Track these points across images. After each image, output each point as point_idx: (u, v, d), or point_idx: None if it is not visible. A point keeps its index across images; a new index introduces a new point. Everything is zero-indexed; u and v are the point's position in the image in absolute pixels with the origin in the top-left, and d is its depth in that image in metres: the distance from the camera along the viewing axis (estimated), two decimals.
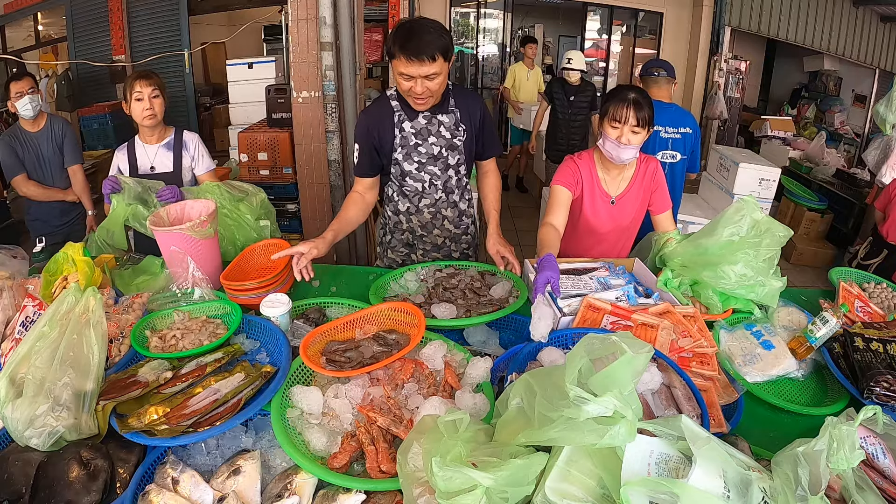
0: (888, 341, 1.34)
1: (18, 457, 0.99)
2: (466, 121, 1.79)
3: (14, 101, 2.61)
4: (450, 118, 1.78)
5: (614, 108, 1.66)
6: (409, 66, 1.54)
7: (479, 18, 7.92)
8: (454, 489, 0.77)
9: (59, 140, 2.76)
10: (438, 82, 1.61)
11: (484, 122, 1.83)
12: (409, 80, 1.59)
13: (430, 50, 1.52)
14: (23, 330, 1.27)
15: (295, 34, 2.95)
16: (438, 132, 1.78)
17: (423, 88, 1.60)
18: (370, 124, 1.78)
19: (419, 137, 1.78)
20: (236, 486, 0.96)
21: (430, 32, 1.53)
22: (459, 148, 1.81)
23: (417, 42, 1.51)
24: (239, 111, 4.56)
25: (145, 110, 2.04)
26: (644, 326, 1.37)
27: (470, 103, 1.80)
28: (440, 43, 1.53)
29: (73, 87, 5.90)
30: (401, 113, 1.77)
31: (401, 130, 1.77)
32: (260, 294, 1.50)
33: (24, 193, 2.71)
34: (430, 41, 1.52)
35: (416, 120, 1.76)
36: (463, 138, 1.80)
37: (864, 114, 5.80)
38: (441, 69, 1.58)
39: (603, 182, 1.83)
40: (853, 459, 0.82)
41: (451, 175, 1.85)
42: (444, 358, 1.23)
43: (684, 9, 6.68)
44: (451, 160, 1.82)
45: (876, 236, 3.00)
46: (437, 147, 1.79)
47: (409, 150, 1.79)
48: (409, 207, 1.91)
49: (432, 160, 1.81)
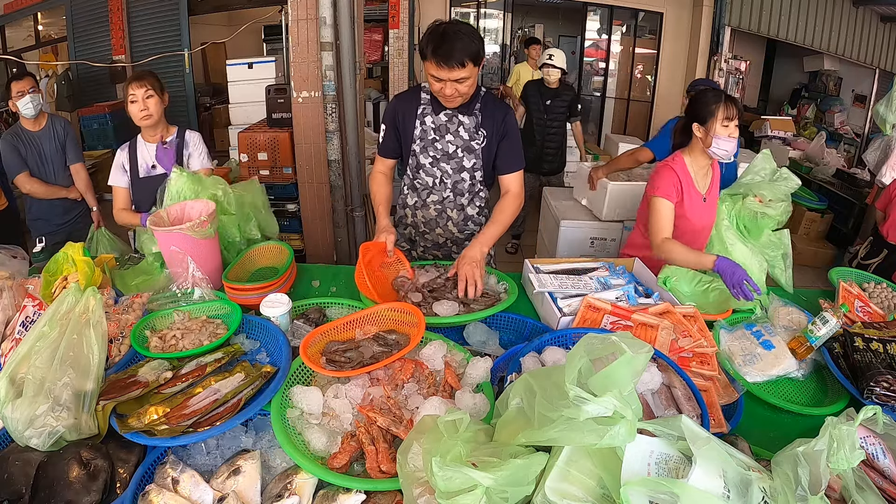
0: (888, 341, 1.34)
1: (18, 457, 0.99)
2: (488, 127, 1.79)
3: (16, 101, 2.63)
4: (471, 120, 1.79)
5: (722, 107, 1.74)
6: (440, 70, 1.59)
7: (479, 18, 7.92)
8: (454, 489, 0.77)
9: (61, 139, 2.79)
10: (468, 84, 1.64)
11: (507, 133, 1.79)
12: (439, 82, 1.63)
13: (460, 56, 1.55)
14: (23, 330, 1.27)
15: (295, 34, 2.95)
16: (457, 131, 1.80)
17: (452, 90, 1.64)
18: (398, 108, 1.84)
19: (437, 133, 1.81)
20: (236, 486, 0.96)
21: (461, 38, 1.55)
22: (477, 152, 1.82)
23: (449, 48, 1.54)
24: (239, 111, 4.56)
25: (141, 111, 2.05)
26: (644, 326, 1.38)
27: (496, 111, 1.79)
28: (471, 49, 1.56)
29: (73, 87, 5.89)
30: (426, 107, 1.81)
31: (422, 123, 1.82)
32: (260, 294, 1.50)
33: (28, 191, 2.73)
34: (461, 47, 1.55)
35: (438, 116, 1.80)
36: (481, 143, 1.81)
37: (864, 114, 5.79)
38: (471, 73, 1.61)
39: (695, 181, 1.89)
40: (853, 459, 0.82)
41: (464, 177, 1.86)
42: (444, 358, 1.23)
43: (684, 9, 6.68)
44: (466, 162, 1.84)
45: (876, 236, 2.99)
46: (452, 146, 1.82)
47: (427, 143, 1.83)
48: (417, 202, 1.93)
49: (446, 157, 1.83)
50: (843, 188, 4.85)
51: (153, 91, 2.06)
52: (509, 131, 1.80)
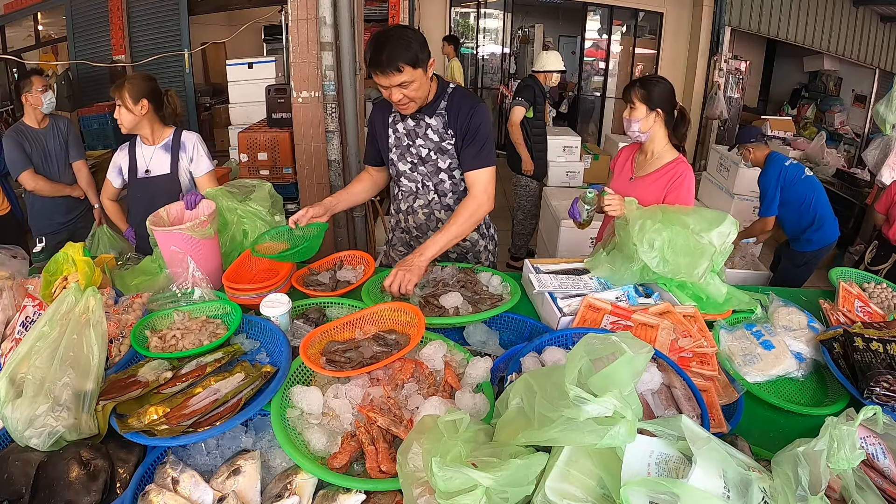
0: (888, 341, 1.34)
1: (18, 457, 0.99)
2: (454, 125, 1.73)
3: (39, 95, 2.68)
4: (438, 121, 1.75)
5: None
6: (379, 77, 1.59)
7: (479, 18, 7.92)
8: (454, 489, 0.77)
9: (64, 136, 2.82)
10: (414, 88, 1.61)
11: (469, 127, 1.70)
12: (385, 90, 1.63)
13: (393, 62, 1.54)
14: (23, 330, 1.27)
15: (295, 34, 2.96)
16: (426, 134, 1.78)
17: (399, 96, 1.62)
18: (374, 118, 1.87)
19: (409, 139, 1.81)
20: (236, 486, 0.95)
21: (394, 43, 1.54)
22: (450, 152, 1.78)
23: (380, 56, 1.54)
24: (239, 111, 4.56)
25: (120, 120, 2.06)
26: (644, 326, 1.37)
27: (462, 107, 1.71)
28: (405, 54, 1.54)
29: (73, 87, 5.90)
30: (396, 114, 1.81)
31: (395, 131, 1.82)
32: (260, 294, 1.50)
33: (33, 188, 2.74)
34: (393, 52, 1.53)
35: (407, 121, 1.79)
36: (452, 142, 1.77)
37: (864, 114, 5.79)
38: (412, 77, 1.58)
39: (636, 162, 2.00)
40: (853, 459, 0.82)
41: (444, 178, 1.83)
42: (444, 358, 1.23)
43: (684, 9, 6.68)
44: (442, 164, 1.80)
45: (882, 240, 2.94)
46: (424, 149, 1.79)
47: (403, 150, 1.83)
48: (407, 207, 1.93)
49: (421, 162, 1.82)
50: (843, 188, 4.85)
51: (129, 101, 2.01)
52: (472, 125, 1.70)
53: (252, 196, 1.93)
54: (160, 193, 2.05)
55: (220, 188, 1.94)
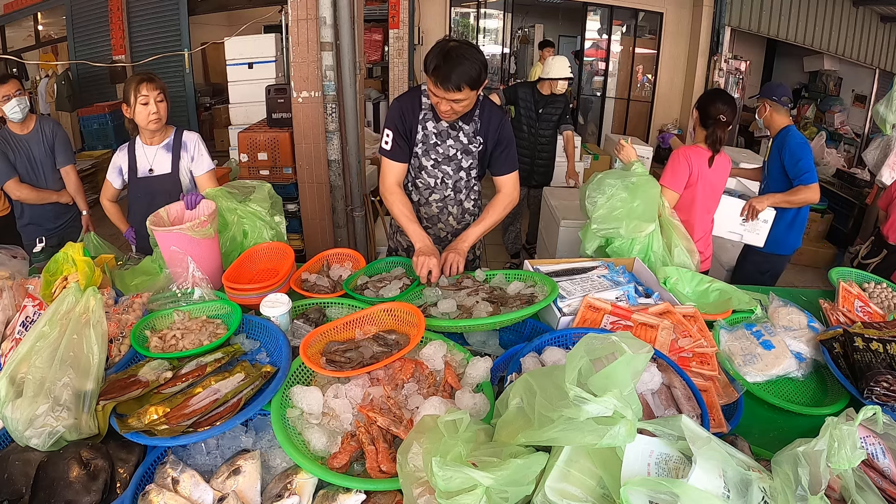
0: (888, 341, 1.34)
1: (18, 457, 0.99)
2: (484, 133, 1.86)
3: (1, 105, 2.53)
4: (471, 126, 1.86)
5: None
6: (437, 89, 1.62)
7: (479, 18, 7.93)
8: (454, 489, 0.77)
9: (50, 141, 2.67)
10: (464, 105, 1.68)
11: (501, 139, 1.86)
12: (436, 98, 1.67)
13: (458, 80, 1.58)
14: (23, 330, 1.27)
15: (295, 34, 2.95)
16: (457, 136, 1.86)
17: (448, 108, 1.68)
18: (403, 111, 1.86)
19: (439, 138, 1.87)
20: (236, 486, 0.96)
21: (463, 63, 1.57)
22: (474, 154, 1.90)
23: (448, 70, 1.57)
24: (239, 111, 4.56)
25: (151, 114, 2.02)
26: (644, 326, 1.37)
27: (493, 118, 1.85)
28: (470, 75, 1.59)
29: (73, 87, 5.90)
30: (427, 112, 1.84)
31: (424, 128, 1.86)
32: (260, 294, 1.50)
33: (17, 197, 2.63)
34: (461, 72, 1.57)
35: (440, 122, 1.84)
36: (478, 147, 1.89)
37: (864, 114, 5.78)
38: (467, 96, 1.64)
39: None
40: (853, 459, 0.82)
41: (462, 176, 1.94)
42: (444, 358, 1.23)
43: (684, 9, 6.69)
44: (465, 163, 1.91)
45: (878, 236, 2.98)
46: (453, 149, 1.88)
47: (429, 147, 1.88)
48: (420, 199, 1.98)
49: (447, 160, 1.90)
50: (843, 188, 4.85)
51: (164, 95, 2.05)
52: (502, 136, 1.87)
53: (252, 196, 1.93)
54: (160, 193, 2.05)
55: (221, 188, 1.93)
